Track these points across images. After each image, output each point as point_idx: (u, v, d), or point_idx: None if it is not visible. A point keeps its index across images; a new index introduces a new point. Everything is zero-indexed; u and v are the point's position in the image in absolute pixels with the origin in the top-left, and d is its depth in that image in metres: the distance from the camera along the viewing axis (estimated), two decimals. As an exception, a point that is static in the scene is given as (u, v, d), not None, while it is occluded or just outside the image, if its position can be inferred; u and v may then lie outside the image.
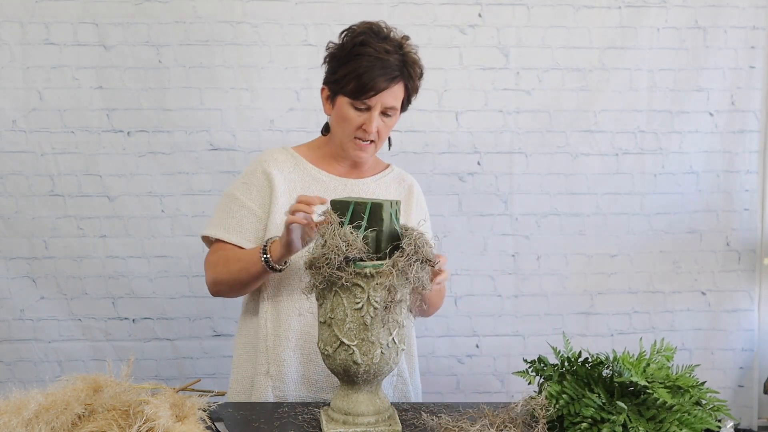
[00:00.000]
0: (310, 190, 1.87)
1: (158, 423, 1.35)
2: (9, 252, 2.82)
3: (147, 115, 2.80)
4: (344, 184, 1.91)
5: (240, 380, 1.92)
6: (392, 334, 1.49)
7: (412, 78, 1.84)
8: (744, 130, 2.97)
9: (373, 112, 1.80)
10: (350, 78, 1.79)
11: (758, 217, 3.01)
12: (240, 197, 1.88)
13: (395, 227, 1.51)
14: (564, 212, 2.97)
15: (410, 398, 1.94)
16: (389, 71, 1.79)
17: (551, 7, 2.88)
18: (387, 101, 1.80)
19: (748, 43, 2.93)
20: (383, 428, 1.50)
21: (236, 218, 1.87)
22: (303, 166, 1.92)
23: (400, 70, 1.80)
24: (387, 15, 2.81)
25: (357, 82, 1.78)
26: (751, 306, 3.04)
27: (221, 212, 1.89)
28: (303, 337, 1.84)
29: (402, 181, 2.00)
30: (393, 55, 1.79)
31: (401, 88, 1.83)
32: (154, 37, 2.78)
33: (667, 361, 1.55)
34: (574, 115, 2.93)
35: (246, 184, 1.89)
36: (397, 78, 1.80)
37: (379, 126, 1.82)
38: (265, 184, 1.87)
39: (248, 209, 1.87)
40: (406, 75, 1.83)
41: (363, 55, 1.78)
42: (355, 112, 1.81)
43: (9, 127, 2.78)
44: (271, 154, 1.93)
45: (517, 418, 1.50)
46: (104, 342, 2.89)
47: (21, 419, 1.35)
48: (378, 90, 1.78)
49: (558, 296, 3.00)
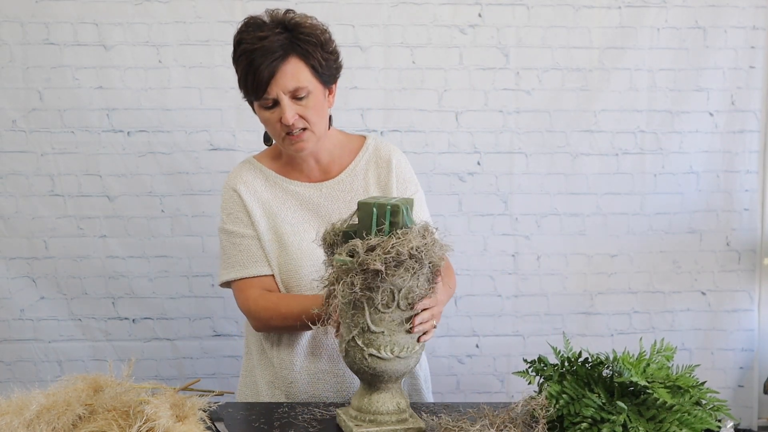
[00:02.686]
0: (286, 205, 1.83)
1: (158, 423, 1.35)
2: (9, 252, 2.82)
3: (147, 115, 2.80)
4: (319, 189, 1.85)
5: (249, 385, 1.93)
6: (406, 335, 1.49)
7: (303, 47, 1.69)
8: (744, 130, 2.97)
9: (282, 103, 1.68)
10: (243, 83, 1.71)
11: (758, 217, 3.01)
12: (233, 230, 1.83)
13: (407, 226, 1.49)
14: (564, 212, 2.97)
15: (424, 398, 1.94)
16: (269, 55, 1.65)
17: (551, 7, 2.88)
18: (286, 84, 1.68)
19: (748, 43, 2.93)
20: (404, 427, 1.51)
21: (244, 251, 1.82)
22: (273, 180, 1.86)
23: (282, 47, 1.67)
24: (387, 15, 2.81)
25: (249, 82, 1.68)
26: (751, 306, 3.04)
27: (228, 251, 1.84)
28: (310, 340, 1.84)
29: (378, 159, 1.88)
30: (271, 38, 1.66)
31: (298, 64, 1.68)
32: (154, 37, 2.78)
33: (667, 361, 1.55)
34: (574, 115, 2.93)
35: (230, 215, 1.84)
36: (281, 57, 1.66)
37: (298, 112, 1.70)
38: (242, 205, 1.83)
39: (248, 236, 1.82)
40: (296, 47, 1.68)
41: (244, 53, 1.68)
42: (269, 111, 1.72)
43: (9, 127, 2.78)
44: (239, 176, 1.86)
45: (517, 418, 1.49)
46: (104, 342, 2.89)
47: (22, 420, 1.35)
48: (266, 80, 1.66)
49: (558, 296, 3.00)
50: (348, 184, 1.86)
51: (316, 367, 1.84)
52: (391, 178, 1.87)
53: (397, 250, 1.40)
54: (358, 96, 2.85)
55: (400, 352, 1.48)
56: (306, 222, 1.83)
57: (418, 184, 1.92)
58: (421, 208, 1.89)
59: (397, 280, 1.43)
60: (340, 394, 1.85)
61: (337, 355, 1.83)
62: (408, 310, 1.48)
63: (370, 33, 2.82)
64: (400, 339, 1.48)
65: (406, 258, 1.41)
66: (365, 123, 2.87)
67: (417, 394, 1.92)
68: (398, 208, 1.45)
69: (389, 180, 1.87)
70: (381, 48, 2.84)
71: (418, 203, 1.86)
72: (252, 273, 1.81)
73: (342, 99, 2.82)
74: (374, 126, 2.87)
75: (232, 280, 1.83)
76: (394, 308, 1.46)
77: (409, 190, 1.88)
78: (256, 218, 1.82)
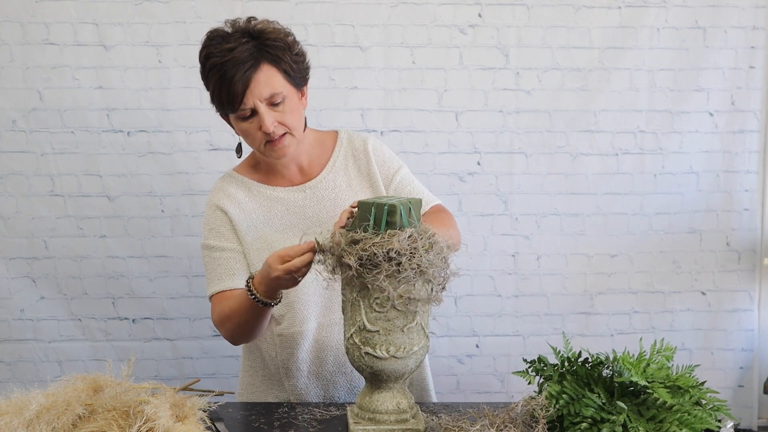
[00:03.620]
0: (272, 212, 1.82)
1: (158, 423, 1.35)
2: (9, 252, 2.82)
3: (147, 115, 2.80)
4: (302, 191, 1.85)
5: (247, 386, 1.93)
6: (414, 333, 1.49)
7: (273, 53, 1.68)
8: (744, 130, 2.97)
9: (259, 112, 1.67)
10: (216, 97, 1.70)
11: (758, 217, 3.01)
12: (215, 244, 1.82)
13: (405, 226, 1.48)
14: (564, 212, 2.97)
15: (430, 398, 1.94)
16: (240, 66, 1.64)
17: (551, 7, 2.88)
18: (262, 92, 1.67)
19: (748, 43, 2.93)
20: (403, 427, 1.51)
21: (222, 265, 1.80)
22: (256, 189, 1.85)
23: (252, 56, 1.66)
24: (387, 15, 2.81)
25: (223, 95, 1.67)
26: (751, 306, 3.04)
27: (209, 266, 1.83)
28: (313, 344, 1.83)
29: (354, 151, 1.88)
30: (239, 48, 1.65)
31: (270, 70, 1.68)
32: (154, 37, 2.78)
33: (667, 361, 1.55)
34: (574, 115, 2.93)
35: (213, 230, 1.83)
36: (253, 65, 1.66)
37: (276, 118, 1.69)
38: (227, 220, 1.81)
39: (229, 250, 1.80)
40: (267, 55, 1.67)
41: (213, 68, 1.67)
42: (246, 122, 1.70)
43: (9, 127, 2.78)
44: (221, 190, 1.85)
45: (517, 418, 1.50)
46: (104, 342, 2.89)
47: (22, 420, 1.36)
48: (241, 91, 1.65)
49: (558, 296, 3.00)
50: (330, 181, 1.85)
51: (324, 370, 1.84)
52: (371, 165, 1.86)
53: (373, 251, 1.40)
54: (358, 96, 2.85)
55: (396, 352, 1.48)
56: (294, 226, 1.82)
57: (399, 160, 1.90)
58: (412, 183, 1.88)
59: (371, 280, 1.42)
60: (353, 393, 1.85)
61: (342, 354, 1.81)
62: (405, 311, 1.47)
63: (370, 33, 2.82)
64: (396, 339, 1.48)
65: (381, 260, 1.40)
66: (365, 123, 2.87)
67: (426, 395, 1.93)
68: (395, 208, 1.44)
69: (370, 167, 1.86)
70: (381, 48, 2.84)
71: (409, 181, 1.86)
72: (228, 286, 1.78)
73: (342, 99, 2.83)
74: (374, 126, 2.87)
75: (212, 294, 1.81)
76: (389, 308, 1.46)
77: (392, 168, 1.87)
78: (243, 230, 1.81)
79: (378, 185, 1.85)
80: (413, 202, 1.49)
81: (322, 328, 1.81)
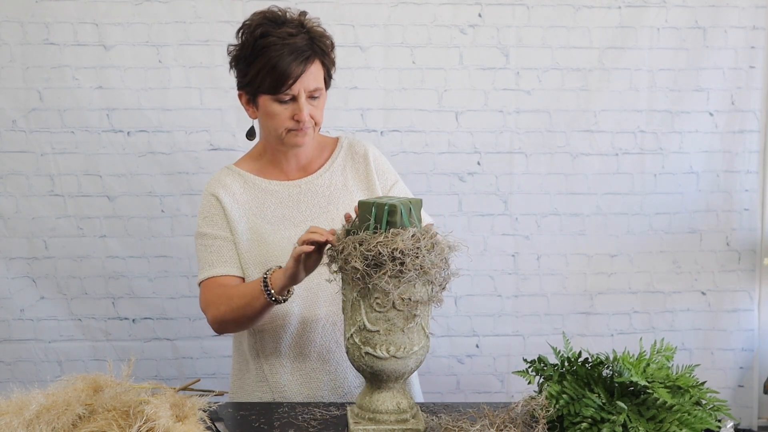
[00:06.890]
0: (266, 204, 1.84)
1: (158, 423, 1.35)
2: (9, 252, 2.82)
3: (147, 115, 2.80)
4: (298, 186, 1.87)
5: (237, 390, 1.94)
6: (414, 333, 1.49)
7: (325, 52, 1.77)
8: (744, 130, 2.97)
9: (299, 100, 1.73)
10: (263, 75, 1.72)
11: (758, 217, 3.01)
12: (208, 232, 1.83)
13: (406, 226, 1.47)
14: (564, 212, 2.97)
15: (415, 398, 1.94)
16: (300, 54, 1.71)
17: (551, 7, 2.88)
18: (309, 84, 1.74)
19: (748, 43, 2.93)
20: (402, 427, 1.51)
21: (215, 252, 1.82)
22: (251, 181, 1.87)
23: (310, 48, 1.73)
24: (387, 15, 2.81)
25: (272, 76, 1.71)
26: (751, 306, 3.04)
27: (200, 254, 1.85)
28: (296, 340, 1.84)
29: (354, 155, 1.92)
30: (298, 36, 1.72)
31: (318, 66, 1.76)
32: (154, 37, 2.78)
33: (667, 361, 1.55)
34: (574, 115, 2.93)
35: (207, 218, 1.85)
36: (311, 57, 1.73)
37: (311, 111, 1.76)
38: (220, 208, 1.83)
39: (221, 238, 1.82)
40: (319, 51, 1.75)
41: (268, 47, 1.70)
42: (281, 106, 1.75)
43: (9, 127, 2.78)
44: (218, 180, 1.87)
45: (517, 418, 1.50)
46: (104, 342, 2.89)
47: (22, 420, 1.35)
48: (296, 77, 1.71)
49: (558, 296, 3.00)
50: (327, 179, 1.88)
51: (307, 366, 1.84)
52: (370, 171, 1.90)
53: (378, 250, 1.40)
54: (358, 96, 2.85)
55: (396, 352, 1.48)
56: (286, 219, 1.84)
57: (396, 173, 1.96)
58: (406, 194, 1.91)
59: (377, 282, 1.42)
60: (336, 392, 1.85)
61: (326, 352, 1.84)
62: (405, 311, 1.47)
63: (370, 33, 2.82)
64: (396, 339, 1.48)
65: (386, 259, 1.40)
66: (365, 123, 2.87)
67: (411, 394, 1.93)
68: (395, 207, 1.44)
69: (368, 173, 1.90)
70: (381, 48, 2.84)
71: (404, 191, 1.91)
72: (218, 273, 1.80)
73: (342, 99, 2.83)
74: (374, 126, 2.87)
75: (202, 280, 1.83)
76: (390, 308, 1.46)
77: (390, 179, 1.92)
78: (236, 220, 1.83)
79: (375, 190, 1.89)
80: (413, 202, 1.49)
81: (305, 323, 1.82)
